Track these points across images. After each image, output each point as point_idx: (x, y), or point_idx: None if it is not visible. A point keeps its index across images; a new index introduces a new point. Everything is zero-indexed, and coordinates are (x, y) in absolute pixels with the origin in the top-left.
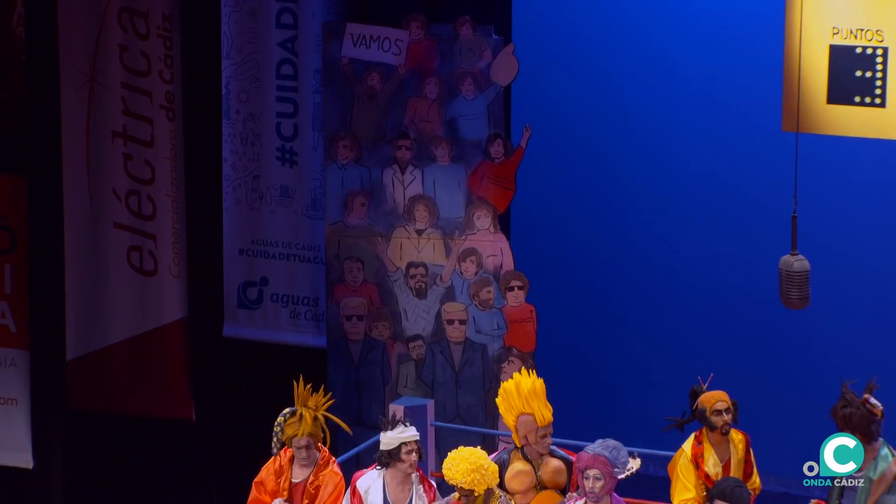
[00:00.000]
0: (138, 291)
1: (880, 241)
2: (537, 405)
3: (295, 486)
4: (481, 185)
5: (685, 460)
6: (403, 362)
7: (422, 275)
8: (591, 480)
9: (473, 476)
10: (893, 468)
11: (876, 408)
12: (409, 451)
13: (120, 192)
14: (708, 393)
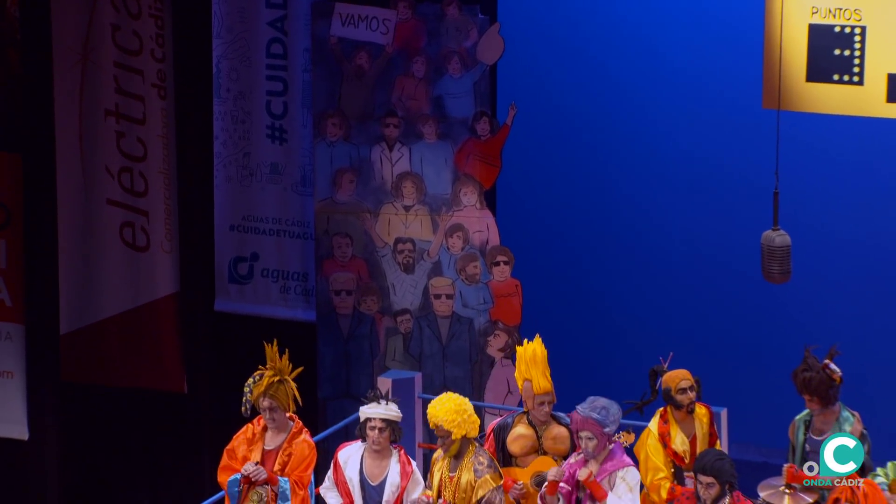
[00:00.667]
0: (131, 267)
1: (859, 215)
2: (535, 373)
3: (267, 454)
4: (468, 162)
5: (653, 440)
6: (391, 336)
7: (409, 250)
8: (584, 441)
9: (454, 417)
10: (857, 427)
11: (835, 373)
12: (373, 427)
13: (112, 169)
14: (671, 372)
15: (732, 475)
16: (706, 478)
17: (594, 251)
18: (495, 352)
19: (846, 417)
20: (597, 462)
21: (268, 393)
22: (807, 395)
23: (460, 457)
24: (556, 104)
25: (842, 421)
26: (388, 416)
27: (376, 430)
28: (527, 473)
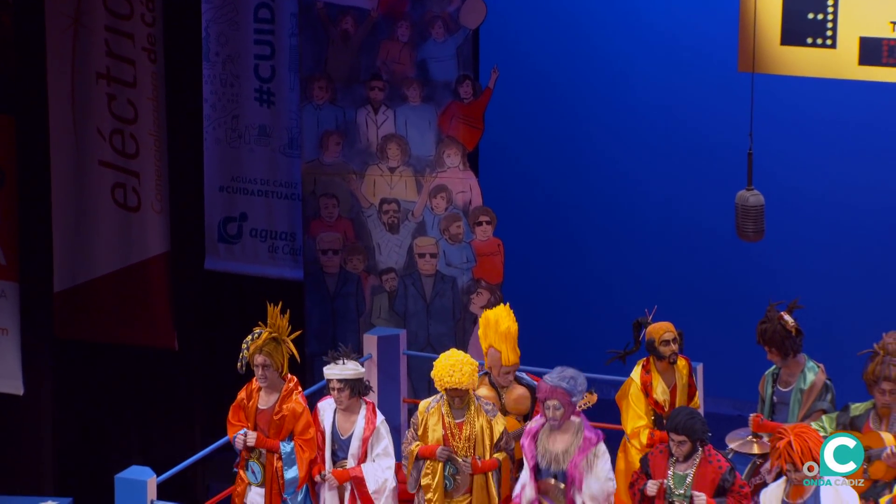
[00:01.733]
0: (123, 226)
1: (831, 176)
2: (506, 347)
3: (260, 413)
4: (451, 125)
5: (635, 389)
6: (377, 294)
7: (394, 210)
8: (552, 410)
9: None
10: (821, 377)
11: (789, 324)
12: (333, 387)
13: (104, 131)
14: (655, 325)
15: (704, 432)
16: (678, 436)
17: (574, 211)
18: (478, 309)
19: (811, 368)
20: (562, 432)
21: (263, 350)
22: (766, 347)
23: (467, 406)
24: (536, 68)
25: (806, 372)
26: (343, 377)
27: (335, 390)
28: None
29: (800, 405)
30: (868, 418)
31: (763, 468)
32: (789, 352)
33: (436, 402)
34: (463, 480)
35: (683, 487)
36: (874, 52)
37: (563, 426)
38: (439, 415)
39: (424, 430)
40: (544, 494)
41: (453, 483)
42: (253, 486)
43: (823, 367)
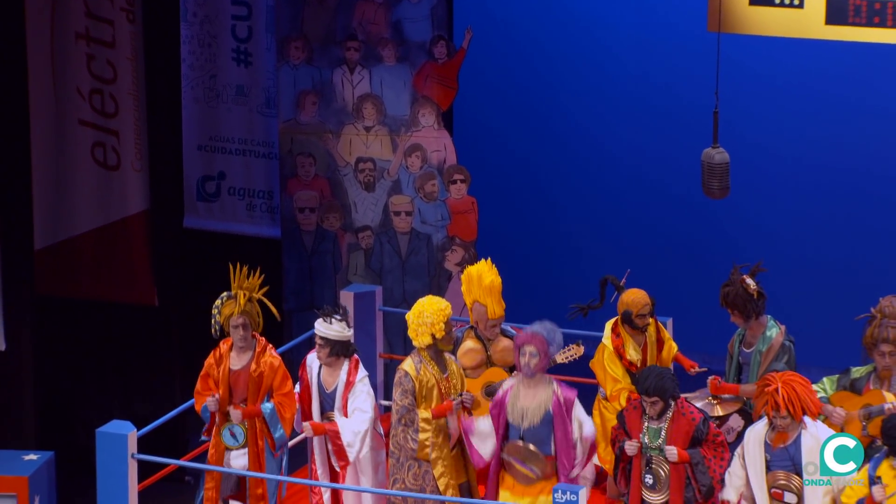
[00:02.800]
0: (102, 185)
1: (797, 134)
2: (491, 301)
3: (235, 374)
4: (425, 85)
5: (609, 353)
6: (353, 251)
7: (370, 169)
8: (528, 357)
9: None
10: (780, 338)
11: (750, 287)
12: (316, 341)
13: (83, 90)
14: (634, 297)
15: (675, 389)
16: (650, 398)
17: (546, 169)
18: (452, 266)
19: (771, 329)
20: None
21: (244, 310)
22: (728, 309)
23: (442, 357)
24: (508, 28)
25: (767, 332)
26: (325, 334)
27: (317, 344)
28: (477, 384)
29: (759, 365)
30: (868, 381)
31: (723, 428)
32: (751, 314)
33: (420, 362)
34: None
35: (658, 441)
36: (840, 11)
37: (535, 379)
38: (430, 375)
39: (428, 393)
40: (513, 456)
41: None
42: (232, 450)
43: (785, 328)
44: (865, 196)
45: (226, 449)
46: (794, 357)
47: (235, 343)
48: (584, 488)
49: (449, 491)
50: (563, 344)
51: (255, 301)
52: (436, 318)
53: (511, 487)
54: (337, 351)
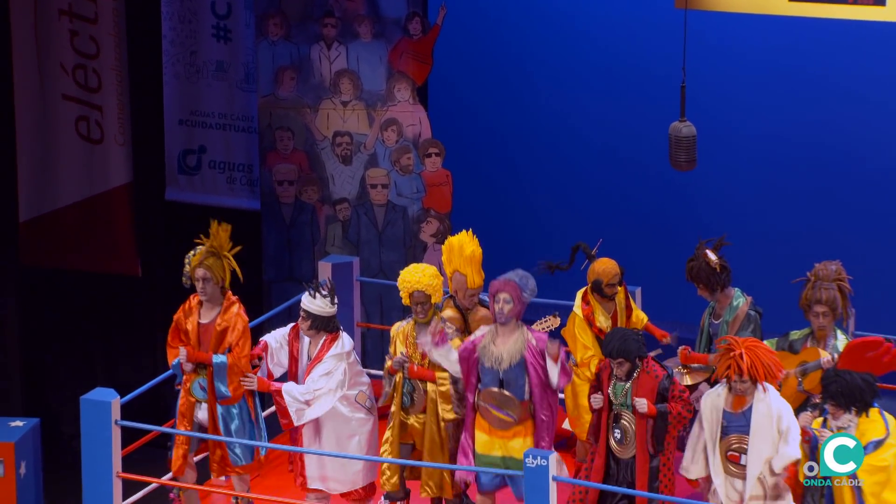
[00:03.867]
0: (86, 158)
1: (761, 108)
2: (471, 270)
3: (203, 327)
4: (401, 60)
5: (579, 321)
6: (331, 223)
7: (347, 143)
8: (501, 303)
9: (435, 282)
10: (745, 308)
11: (712, 261)
12: (300, 313)
13: (67, 65)
14: (605, 267)
15: (639, 349)
16: (616, 360)
17: (519, 142)
18: (428, 237)
19: (737, 298)
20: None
21: (203, 263)
22: (694, 283)
23: (427, 324)
24: (481, 5)
25: (734, 303)
26: (308, 308)
27: (300, 316)
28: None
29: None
30: (806, 342)
31: (692, 397)
32: (716, 287)
33: (405, 323)
34: (419, 398)
35: (622, 397)
36: None
37: (508, 326)
38: (405, 334)
39: (395, 349)
40: (488, 403)
41: (410, 400)
42: (202, 403)
43: (751, 299)
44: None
45: (196, 402)
46: (760, 327)
47: (200, 295)
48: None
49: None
50: (535, 291)
51: (222, 257)
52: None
53: (488, 432)
54: (317, 325)
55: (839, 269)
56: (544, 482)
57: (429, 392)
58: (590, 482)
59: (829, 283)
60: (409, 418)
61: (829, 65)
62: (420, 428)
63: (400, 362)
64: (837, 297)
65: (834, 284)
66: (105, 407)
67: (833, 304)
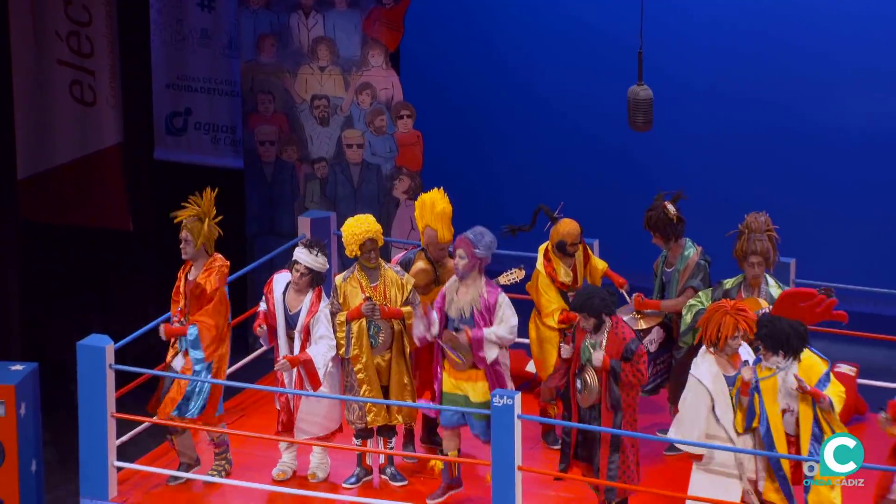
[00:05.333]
0: (80, 120)
1: (715, 73)
2: (441, 226)
3: (188, 285)
4: (374, 28)
5: (543, 278)
6: (310, 181)
7: (324, 105)
8: (458, 259)
9: (379, 227)
10: (695, 258)
11: (670, 212)
12: (297, 270)
13: (62, 32)
14: (568, 228)
15: (602, 306)
16: (581, 315)
17: (485, 104)
18: (400, 194)
19: (688, 247)
20: (465, 285)
21: (185, 225)
22: (651, 232)
23: (377, 268)
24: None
25: (685, 252)
26: (310, 265)
27: (299, 273)
28: (427, 300)
29: (677, 282)
30: (740, 290)
31: (645, 340)
32: (671, 237)
33: (350, 273)
34: (385, 337)
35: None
36: None
37: (467, 278)
38: (356, 282)
39: (345, 300)
40: (446, 343)
41: (377, 342)
42: (180, 354)
43: (701, 249)
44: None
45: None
46: (709, 275)
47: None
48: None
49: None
50: (494, 245)
51: (204, 221)
52: (350, 240)
53: (448, 370)
54: (314, 280)
55: (767, 220)
56: (510, 420)
57: (395, 330)
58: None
59: (761, 234)
60: (376, 358)
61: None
62: (385, 365)
63: (370, 308)
64: (769, 247)
65: (765, 235)
66: (100, 352)
67: (766, 255)
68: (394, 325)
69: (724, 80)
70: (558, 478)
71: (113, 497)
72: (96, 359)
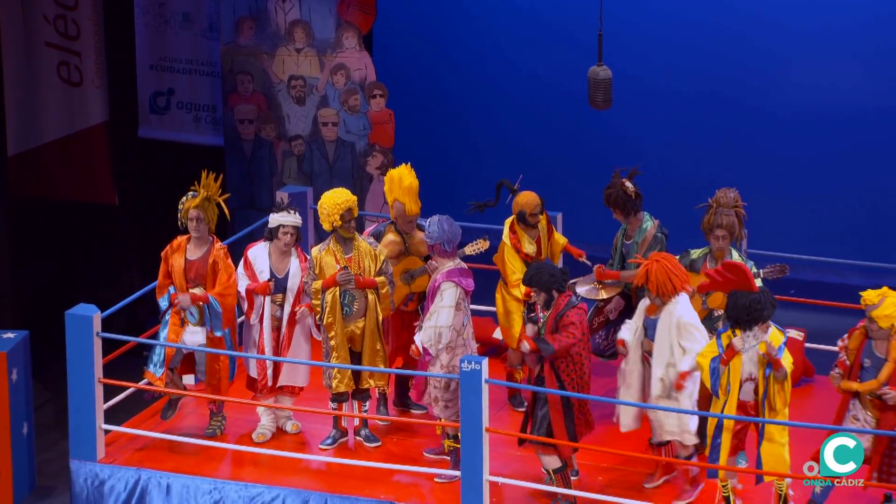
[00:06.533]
0: (67, 99)
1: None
2: (408, 200)
3: (190, 263)
4: (348, 11)
5: (508, 249)
6: (287, 157)
7: (301, 85)
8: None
9: (354, 199)
10: (653, 230)
11: (628, 189)
12: (286, 232)
13: (49, 16)
14: (527, 199)
15: (552, 282)
16: (532, 289)
17: (454, 84)
18: (373, 170)
19: (646, 221)
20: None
21: (199, 206)
22: (610, 208)
23: (351, 240)
24: None
25: (643, 225)
26: (295, 223)
27: (289, 234)
28: (397, 270)
29: (634, 255)
30: (705, 261)
31: (606, 308)
32: (629, 212)
33: (326, 245)
34: (360, 306)
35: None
36: None
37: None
38: (332, 253)
39: (321, 270)
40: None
41: (351, 310)
42: (190, 326)
43: (659, 222)
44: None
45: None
46: (666, 246)
47: (192, 233)
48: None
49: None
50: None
51: (213, 201)
52: (331, 210)
53: None
54: (297, 238)
55: (736, 196)
56: (478, 384)
57: (368, 299)
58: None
59: (729, 209)
60: (350, 326)
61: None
62: (360, 333)
63: (345, 278)
64: (735, 222)
65: (732, 211)
66: (87, 321)
67: (731, 229)
68: (367, 294)
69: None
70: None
71: (101, 458)
72: (84, 327)
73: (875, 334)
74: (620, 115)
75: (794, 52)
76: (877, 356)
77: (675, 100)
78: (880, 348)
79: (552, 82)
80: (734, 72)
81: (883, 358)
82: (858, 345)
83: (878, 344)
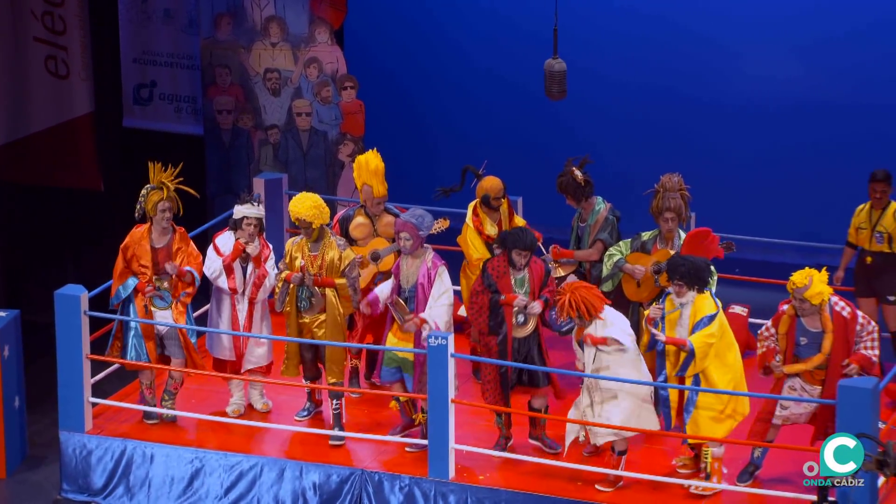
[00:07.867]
0: (54, 91)
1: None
2: (375, 182)
3: (157, 250)
4: (321, 8)
5: (471, 231)
6: (263, 146)
7: (276, 78)
8: (403, 241)
9: (314, 212)
10: (604, 213)
11: (578, 177)
12: (249, 223)
13: (37, 12)
14: (491, 183)
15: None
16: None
17: (420, 76)
18: (345, 157)
19: (599, 204)
20: (413, 258)
21: (169, 197)
22: (563, 194)
23: (319, 240)
24: None
25: (596, 208)
26: (258, 215)
27: (252, 225)
28: (365, 251)
29: (589, 235)
30: (655, 242)
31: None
32: (580, 198)
33: (299, 239)
34: (317, 301)
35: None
36: None
37: (414, 253)
38: (300, 248)
39: (291, 261)
40: (391, 305)
41: (308, 304)
42: (158, 312)
43: (611, 206)
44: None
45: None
46: (617, 228)
47: (159, 224)
48: (451, 334)
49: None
50: (431, 225)
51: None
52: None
53: (394, 331)
54: (260, 228)
55: (680, 180)
56: (444, 359)
57: (328, 296)
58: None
59: (675, 193)
60: (305, 318)
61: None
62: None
63: (299, 278)
64: (682, 204)
65: (678, 194)
66: (75, 300)
67: (679, 211)
68: (326, 292)
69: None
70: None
71: (88, 429)
72: (72, 306)
73: (806, 312)
74: (574, 106)
75: (741, 45)
76: (811, 331)
77: (627, 91)
78: (813, 323)
79: (511, 73)
80: (683, 64)
81: (819, 331)
82: (788, 328)
83: (809, 320)
